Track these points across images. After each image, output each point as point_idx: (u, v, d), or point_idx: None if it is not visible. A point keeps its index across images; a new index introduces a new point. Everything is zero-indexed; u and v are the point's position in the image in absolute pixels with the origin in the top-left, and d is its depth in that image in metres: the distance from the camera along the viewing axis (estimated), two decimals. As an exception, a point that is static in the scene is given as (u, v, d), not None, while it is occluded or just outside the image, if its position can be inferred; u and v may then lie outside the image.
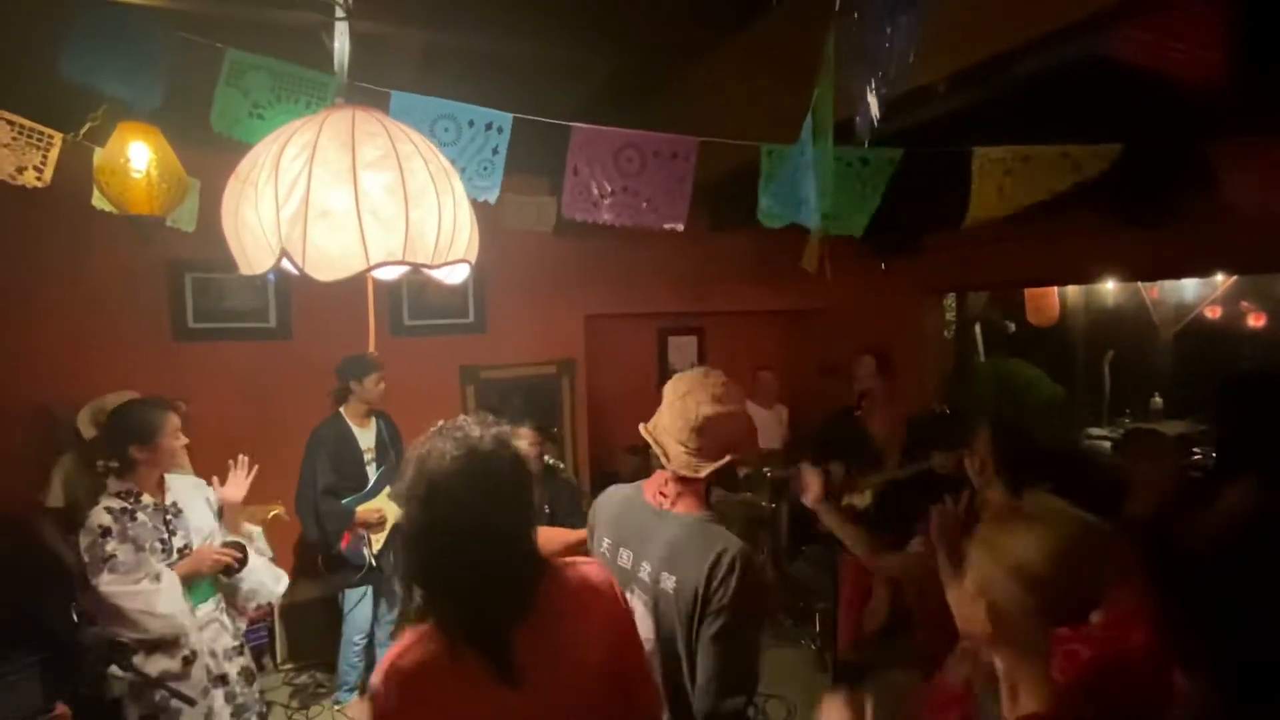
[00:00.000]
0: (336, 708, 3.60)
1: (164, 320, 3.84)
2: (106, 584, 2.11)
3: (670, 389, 1.61)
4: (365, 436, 3.57)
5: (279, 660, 3.87)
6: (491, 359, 4.64)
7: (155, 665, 2.18)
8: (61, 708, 1.67)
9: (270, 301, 4.07)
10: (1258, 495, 1.87)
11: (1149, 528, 2.06)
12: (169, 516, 2.30)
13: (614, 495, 1.75)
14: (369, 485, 3.52)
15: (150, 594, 2.15)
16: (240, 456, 2.44)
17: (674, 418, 1.57)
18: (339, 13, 1.38)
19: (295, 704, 3.65)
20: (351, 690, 3.61)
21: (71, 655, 2.57)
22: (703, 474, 1.54)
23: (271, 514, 3.28)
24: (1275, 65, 1.84)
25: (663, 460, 1.58)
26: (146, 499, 2.27)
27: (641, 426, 1.65)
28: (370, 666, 3.72)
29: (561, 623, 1.17)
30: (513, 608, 1.13)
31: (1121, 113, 2.34)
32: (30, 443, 3.37)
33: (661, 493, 1.61)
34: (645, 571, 1.55)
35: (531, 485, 1.20)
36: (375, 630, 3.67)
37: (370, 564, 3.48)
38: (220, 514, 2.47)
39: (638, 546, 1.59)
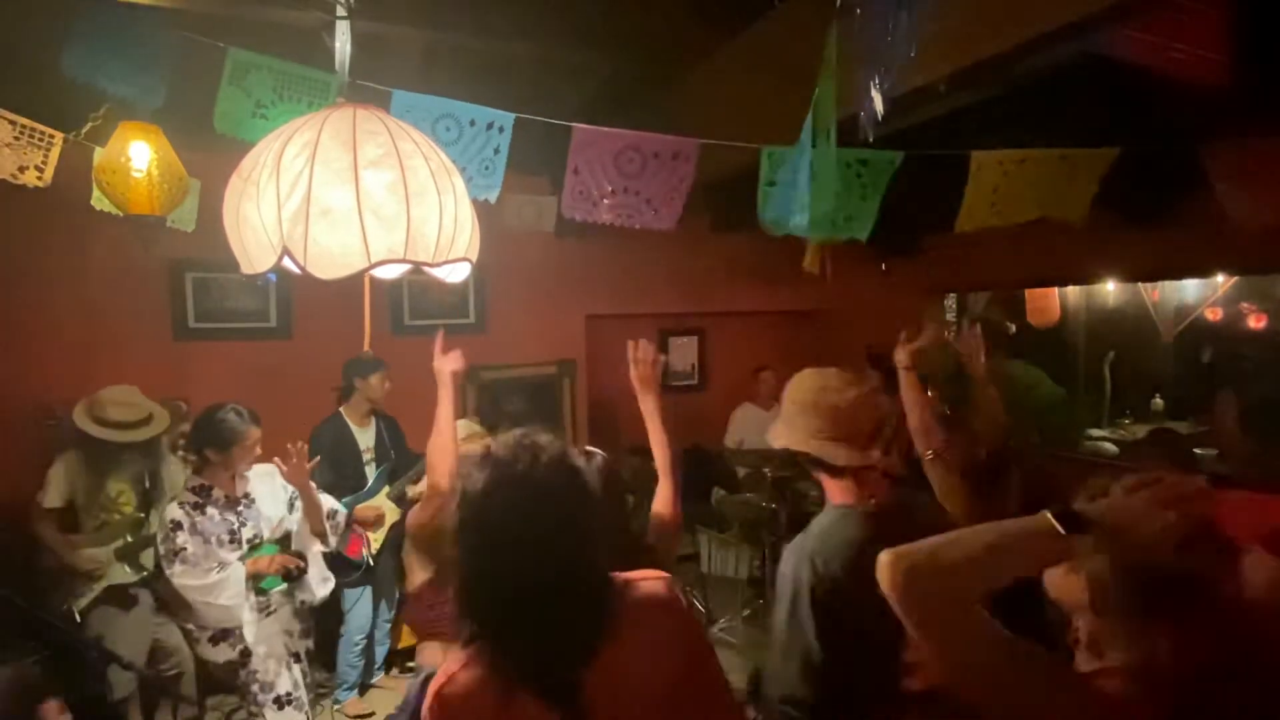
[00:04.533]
0: (336, 707, 3.60)
1: (164, 320, 3.84)
2: (178, 575, 2.27)
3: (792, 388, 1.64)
4: (365, 436, 3.58)
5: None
6: (492, 359, 4.64)
7: (221, 655, 2.37)
8: (51, 705, 1.70)
9: (271, 301, 4.07)
10: None
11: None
12: (240, 508, 2.44)
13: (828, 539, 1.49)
14: (368, 485, 3.53)
15: (216, 584, 2.31)
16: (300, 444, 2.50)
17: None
18: (340, 12, 1.39)
19: (295, 704, 3.65)
20: (351, 689, 3.61)
21: (72, 655, 2.58)
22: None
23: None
24: (1275, 65, 1.84)
25: (841, 467, 1.54)
26: (218, 493, 2.41)
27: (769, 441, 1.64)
28: (370, 666, 3.72)
29: (629, 650, 1.10)
30: (583, 649, 1.06)
31: (1121, 113, 2.34)
32: (30, 443, 3.37)
33: (871, 496, 1.54)
34: None
35: (593, 504, 1.11)
36: (374, 630, 3.68)
37: (368, 563, 3.49)
38: (292, 504, 2.60)
39: None
